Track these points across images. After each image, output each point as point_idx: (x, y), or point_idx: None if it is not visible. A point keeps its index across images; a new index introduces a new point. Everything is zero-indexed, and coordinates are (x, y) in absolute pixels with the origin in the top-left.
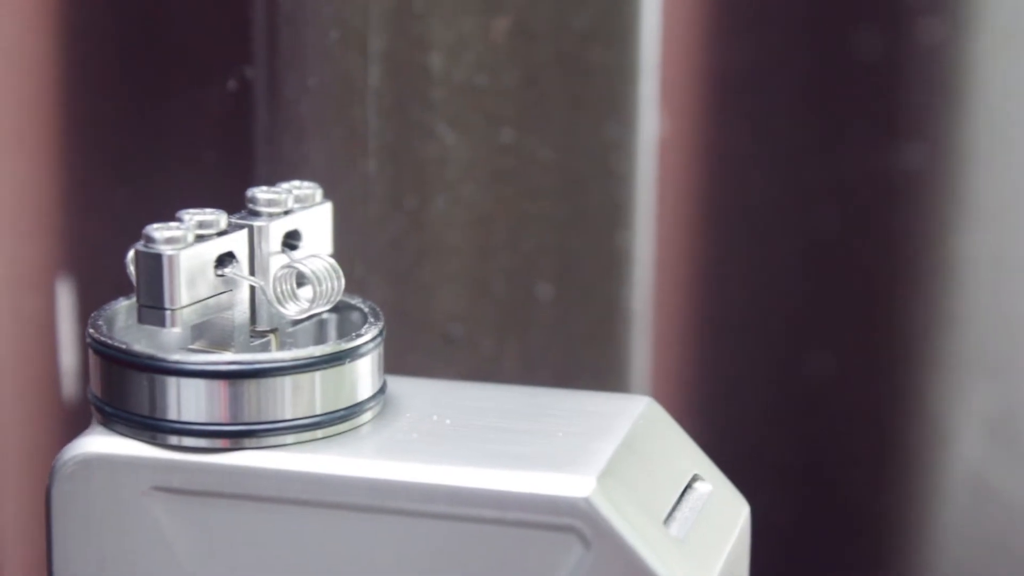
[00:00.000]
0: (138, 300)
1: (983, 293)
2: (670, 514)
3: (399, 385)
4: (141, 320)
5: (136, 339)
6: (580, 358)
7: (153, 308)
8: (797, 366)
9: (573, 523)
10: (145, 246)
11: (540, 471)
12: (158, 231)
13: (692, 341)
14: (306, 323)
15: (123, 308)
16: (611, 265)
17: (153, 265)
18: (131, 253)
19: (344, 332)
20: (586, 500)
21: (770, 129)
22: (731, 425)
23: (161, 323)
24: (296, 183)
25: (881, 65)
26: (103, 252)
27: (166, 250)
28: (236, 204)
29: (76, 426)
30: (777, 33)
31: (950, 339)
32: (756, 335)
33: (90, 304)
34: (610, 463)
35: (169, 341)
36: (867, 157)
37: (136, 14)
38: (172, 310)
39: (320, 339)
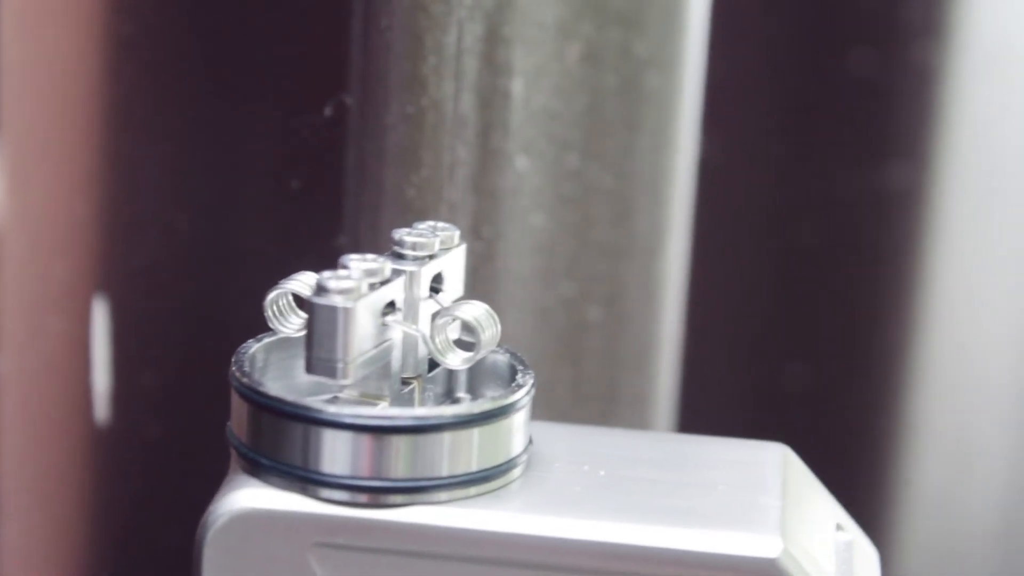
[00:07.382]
0: (308, 350)
1: (957, 308)
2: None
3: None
4: (311, 371)
5: (270, 381)
6: (621, 382)
7: (326, 360)
8: (775, 377)
9: None
10: (319, 296)
11: (721, 529)
12: (332, 281)
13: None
14: (440, 369)
15: (260, 349)
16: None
17: (329, 317)
18: (273, 294)
19: (474, 377)
20: (774, 561)
21: (758, 143)
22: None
23: (333, 375)
24: (432, 224)
25: (872, 84)
26: (146, 272)
27: (342, 302)
28: (316, 232)
29: (106, 449)
30: (768, 49)
31: (922, 352)
32: (738, 346)
33: (125, 325)
34: (784, 520)
35: (304, 385)
36: (853, 173)
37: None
38: (346, 362)
39: (450, 385)
